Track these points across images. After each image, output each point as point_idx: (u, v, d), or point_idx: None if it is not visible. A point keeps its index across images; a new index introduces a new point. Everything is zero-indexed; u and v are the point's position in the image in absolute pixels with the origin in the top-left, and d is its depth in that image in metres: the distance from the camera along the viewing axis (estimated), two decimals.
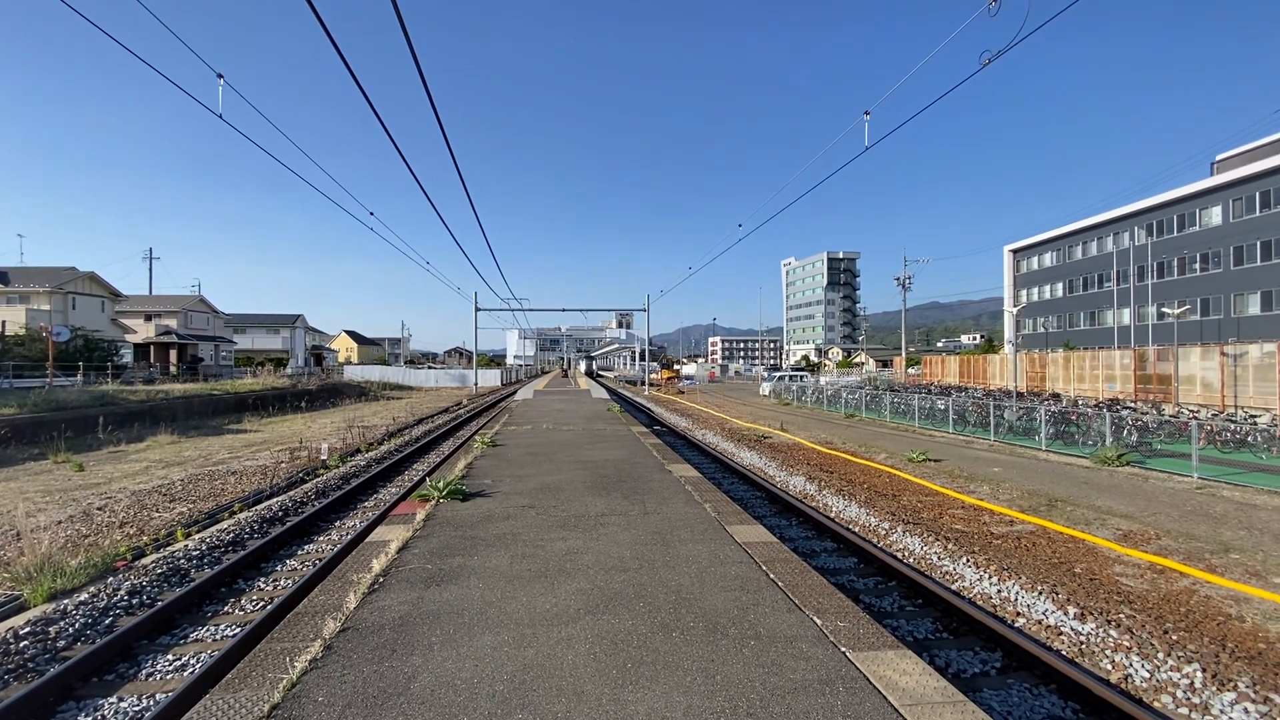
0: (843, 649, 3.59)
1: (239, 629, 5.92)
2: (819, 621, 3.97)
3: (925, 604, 6.59)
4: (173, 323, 50.18)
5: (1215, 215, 39.95)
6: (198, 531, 9.10)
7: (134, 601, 6.50)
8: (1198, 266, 41.01)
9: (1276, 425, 15.96)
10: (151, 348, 48.23)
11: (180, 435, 21.27)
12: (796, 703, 3.01)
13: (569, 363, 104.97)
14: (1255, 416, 19.10)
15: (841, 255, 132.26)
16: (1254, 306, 37.20)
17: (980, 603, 6.61)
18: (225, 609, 6.53)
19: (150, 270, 56.98)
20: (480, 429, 20.51)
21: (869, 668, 3.37)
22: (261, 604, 6.60)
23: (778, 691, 3.11)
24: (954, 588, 7.02)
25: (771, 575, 4.83)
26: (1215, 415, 18.17)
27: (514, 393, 41.12)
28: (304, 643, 3.66)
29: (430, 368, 77.47)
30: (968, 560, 7.72)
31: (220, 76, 7.75)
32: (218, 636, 5.86)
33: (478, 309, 46.58)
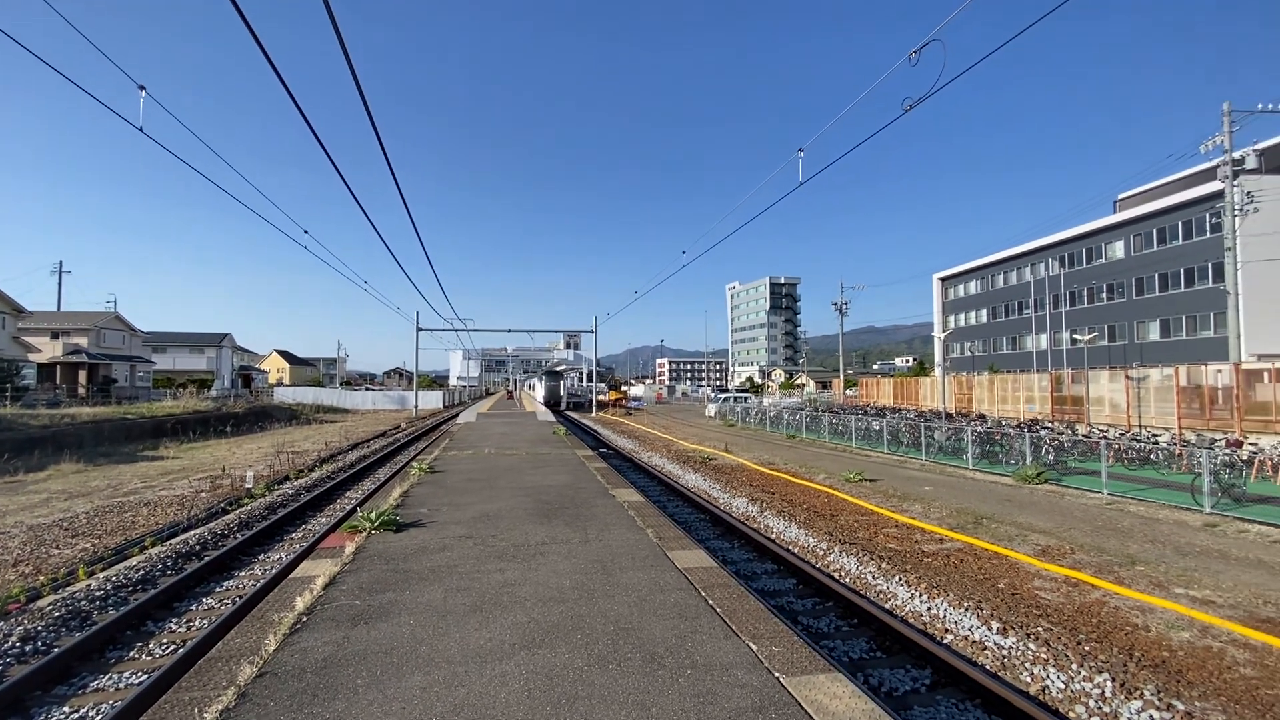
0: (777, 675, 3.63)
1: (145, 677, 5.49)
2: (754, 647, 4.01)
3: (860, 624, 6.76)
4: (83, 341, 46.73)
5: (1118, 249, 43.41)
6: (103, 569, 8.43)
7: (27, 649, 5.96)
8: (1104, 296, 44.33)
9: (1175, 444, 17.29)
10: (59, 368, 44.68)
11: (88, 463, 19.72)
12: None
13: (515, 384, 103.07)
14: (1157, 435, 20.64)
15: (783, 280, 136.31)
16: (1154, 333, 40.42)
17: (912, 620, 6.82)
18: (131, 655, 6.05)
19: (60, 284, 53.25)
20: (419, 454, 19.90)
21: (801, 693, 3.42)
22: (172, 648, 6.16)
23: None
24: (887, 606, 7.23)
25: (710, 601, 4.86)
26: (1122, 434, 19.52)
27: (456, 415, 40.20)
28: (216, 691, 3.43)
29: (368, 389, 74.68)
30: (900, 579, 7.97)
31: (142, 89, 7.38)
32: (121, 685, 5.42)
33: (419, 329, 45.49)
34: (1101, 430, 20.94)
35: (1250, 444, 15.51)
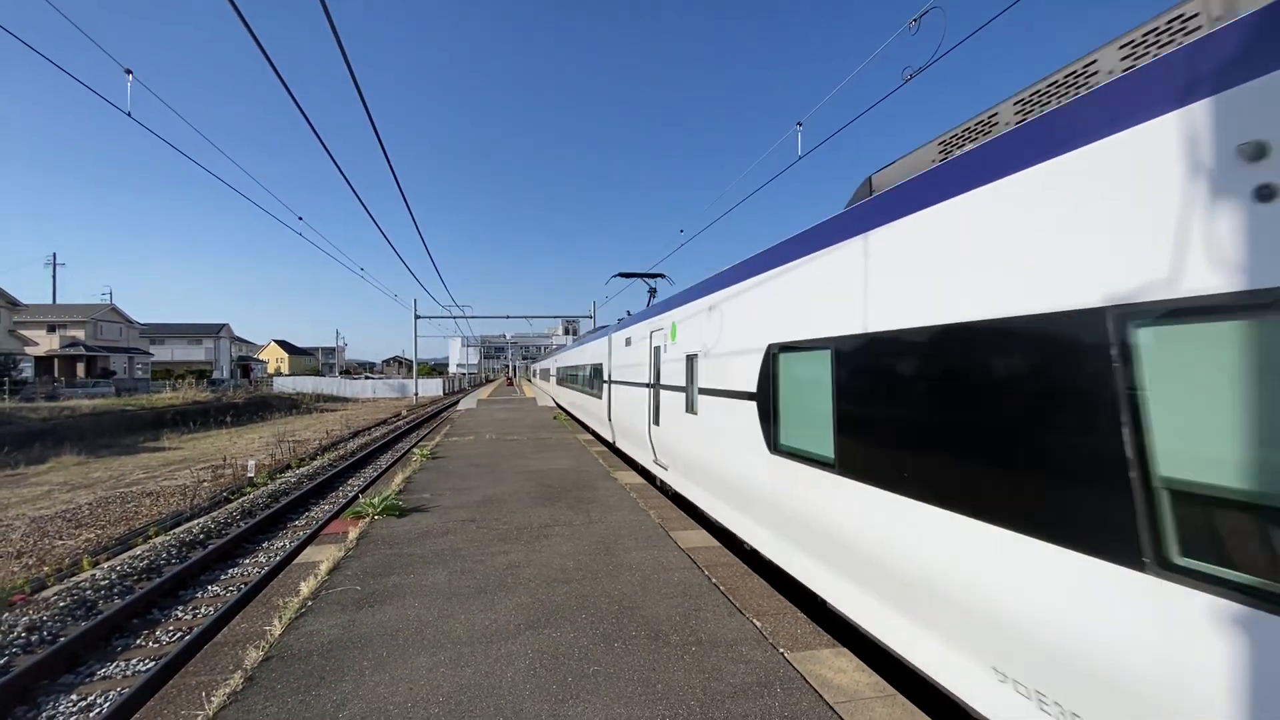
0: (781, 650, 3.65)
1: (152, 663, 5.53)
2: (759, 624, 4.03)
3: None
4: (80, 334, 46.61)
5: None
6: (107, 559, 8.46)
7: (33, 639, 5.98)
8: None
9: None
10: (56, 360, 44.64)
11: (88, 455, 19.74)
12: (736, 707, 3.04)
13: (515, 370, 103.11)
14: None
15: None
16: None
17: None
18: (137, 642, 6.08)
19: (54, 277, 52.91)
20: (420, 441, 19.94)
21: (806, 667, 3.44)
22: (178, 635, 6.19)
23: (717, 696, 3.13)
24: None
25: (714, 580, 4.88)
26: None
27: (456, 402, 40.26)
28: (223, 675, 3.44)
29: (367, 378, 74.64)
30: None
31: (129, 73, 7.25)
32: (129, 672, 5.45)
33: (417, 316, 45.35)
34: None
35: None
